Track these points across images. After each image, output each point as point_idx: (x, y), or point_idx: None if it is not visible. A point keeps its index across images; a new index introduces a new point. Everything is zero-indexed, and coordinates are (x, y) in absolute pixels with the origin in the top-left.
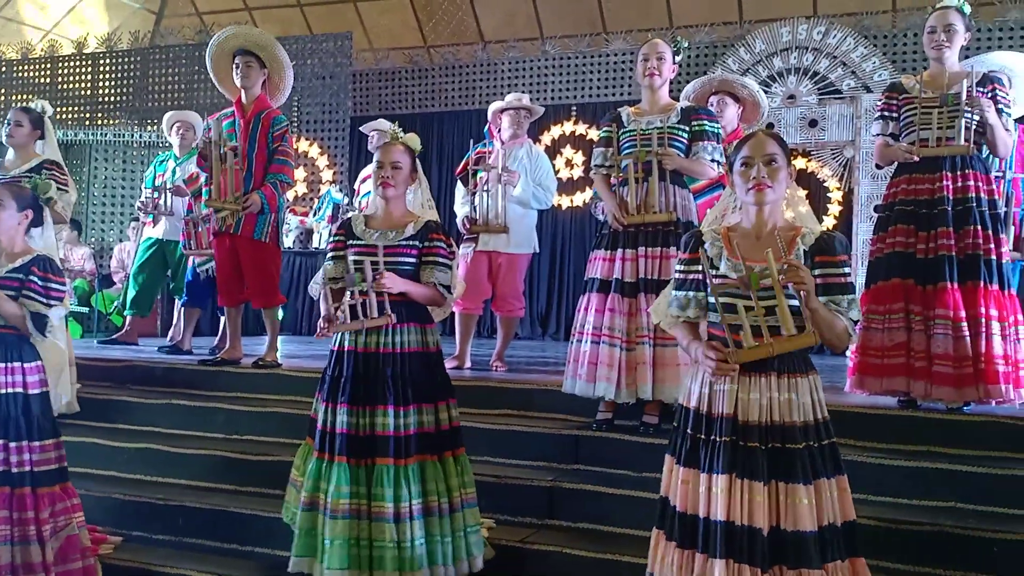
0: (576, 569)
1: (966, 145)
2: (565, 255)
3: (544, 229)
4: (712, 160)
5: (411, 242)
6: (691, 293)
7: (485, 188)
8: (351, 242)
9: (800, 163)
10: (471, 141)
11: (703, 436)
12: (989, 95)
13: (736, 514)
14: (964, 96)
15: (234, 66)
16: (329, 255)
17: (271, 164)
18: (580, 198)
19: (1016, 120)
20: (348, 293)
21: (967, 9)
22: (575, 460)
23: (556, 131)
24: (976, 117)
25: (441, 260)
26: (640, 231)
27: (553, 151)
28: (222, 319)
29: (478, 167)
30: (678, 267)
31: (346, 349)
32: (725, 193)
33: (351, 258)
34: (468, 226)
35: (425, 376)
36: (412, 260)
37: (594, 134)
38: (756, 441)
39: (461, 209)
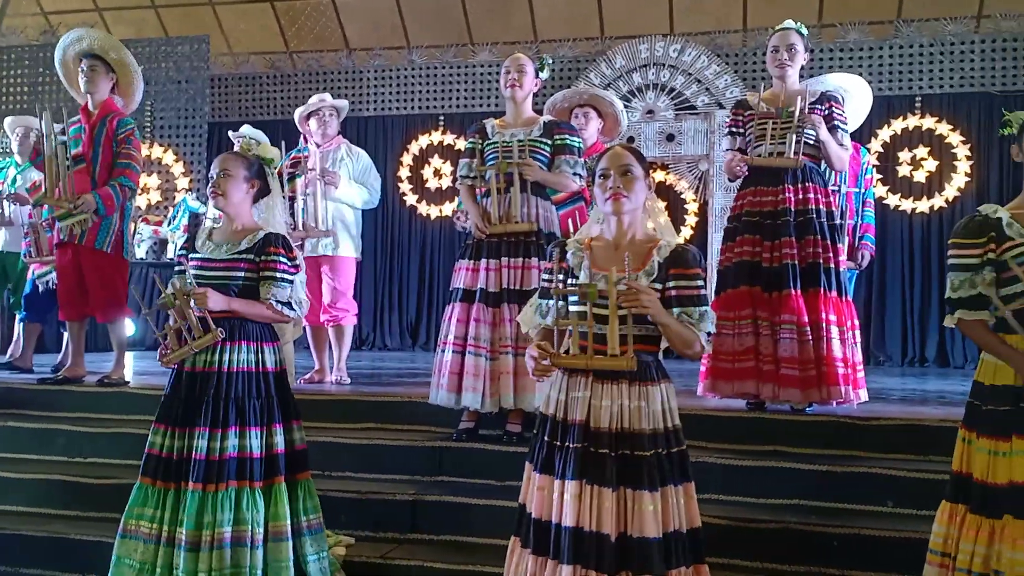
0: None
1: (795, 158)
2: (434, 265)
3: (413, 239)
4: (574, 173)
5: (245, 256)
6: (550, 302)
7: (305, 193)
8: (191, 255)
9: (659, 176)
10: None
11: (558, 443)
12: (826, 112)
13: (585, 520)
14: (798, 114)
15: (79, 71)
16: (175, 270)
17: (114, 168)
18: (449, 208)
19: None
20: (170, 318)
21: (805, 31)
22: (439, 472)
23: (424, 140)
24: (812, 133)
25: (279, 275)
26: (503, 241)
27: (421, 160)
28: (65, 334)
29: (295, 171)
30: (544, 276)
31: (175, 368)
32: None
33: (173, 277)
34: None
35: (255, 397)
36: (246, 275)
37: (462, 144)
38: (606, 448)
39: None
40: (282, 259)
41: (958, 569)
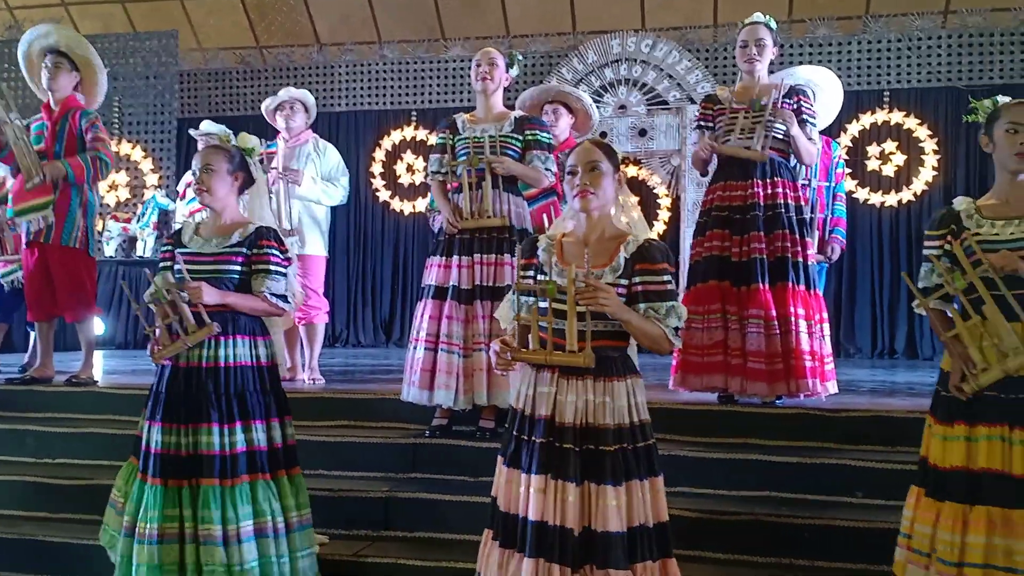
0: None
1: (760, 152)
2: (408, 261)
3: (386, 235)
4: (545, 169)
5: (237, 249)
6: (523, 297)
7: (270, 191)
8: (178, 251)
9: (631, 171)
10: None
11: (525, 437)
12: (795, 106)
13: (549, 514)
14: (770, 107)
15: (42, 66)
16: (159, 266)
17: (87, 149)
18: (422, 204)
19: (820, 132)
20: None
21: (773, 24)
22: (412, 468)
23: (396, 136)
24: (781, 128)
25: (272, 268)
26: (475, 238)
27: (394, 156)
28: (32, 334)
29: (261, 167)
30: (518, 272)
31: (167, 363)
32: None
33: (148, 272)
34: None
35: (255, 392)
36: (240, 268)
37: (434, 139)
38: (570, 443)
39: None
40: (274, 252)
41: (912, 550)
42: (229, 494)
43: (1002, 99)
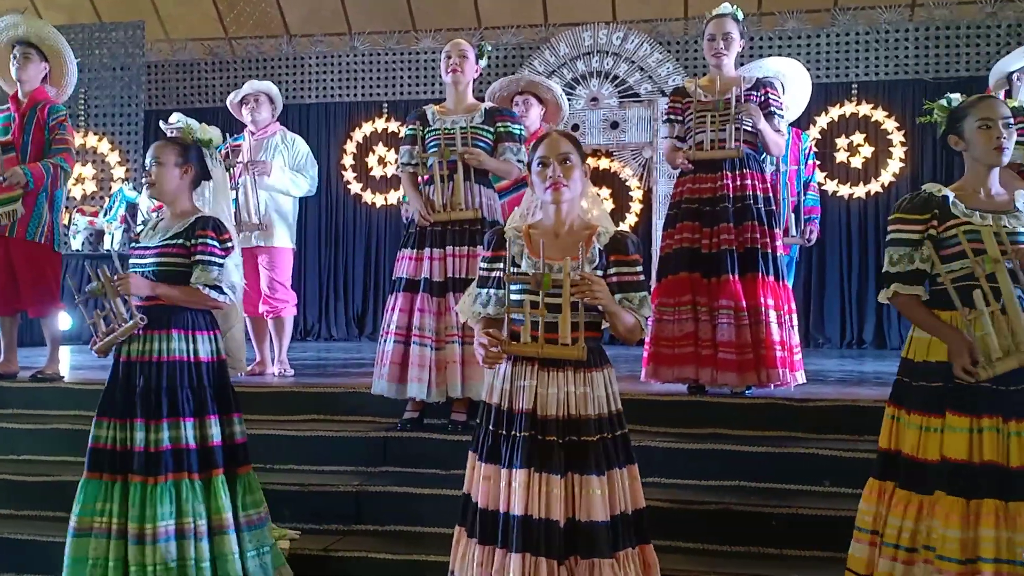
0: (380, 573)
1: (736, 147)
2: (380, 254)
3: (358, 227)
4: (517, 160)
5: (176, 241)
6: (491, 291)
7: (236, 184)
8: (133, 245)
9: (603, 163)
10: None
11: (504, 432)
12: (762, 98)
13: (534, 508)
14: (733, 104)
15: (11, 58)
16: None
17: (49, 154)
18: (394, 196)
19: (789, 124)
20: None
21: (740, 16)
22: (383, 462)
23: (368, 128)
24: (749, 121)
25: (206, 257)
26: (447, 230)
27: (365, 148)
28: None
29: (227, 162)
30: (482, 265)
31: (112, 358)
32: (528, 192)
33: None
34: None
35: (187, 387)
36: (181, 260)
37: (405, 131)
38: (554, 435)
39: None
40: (211, 241)
41: (885, 544)
42: (151, 492)
43: (955, 98)
